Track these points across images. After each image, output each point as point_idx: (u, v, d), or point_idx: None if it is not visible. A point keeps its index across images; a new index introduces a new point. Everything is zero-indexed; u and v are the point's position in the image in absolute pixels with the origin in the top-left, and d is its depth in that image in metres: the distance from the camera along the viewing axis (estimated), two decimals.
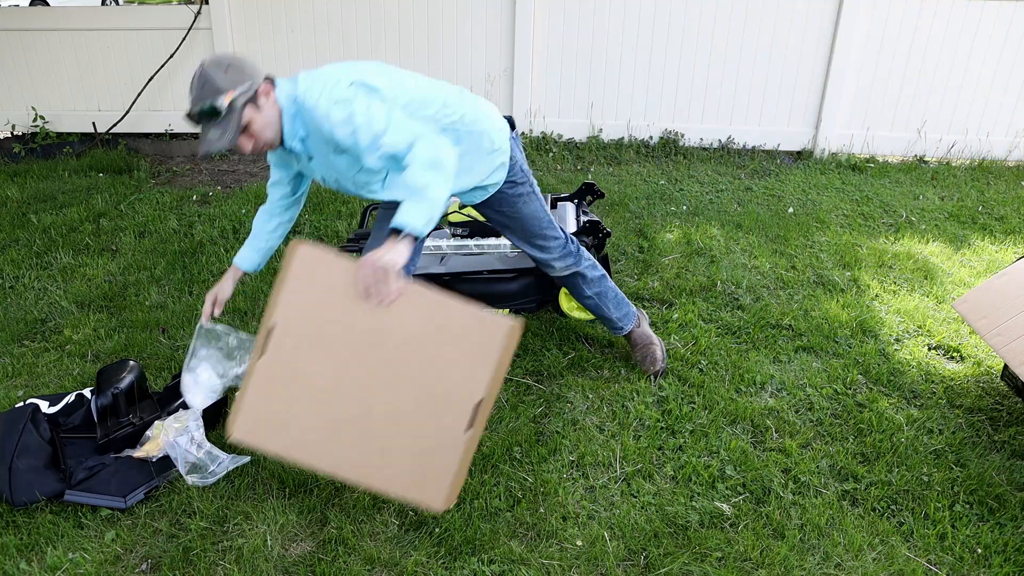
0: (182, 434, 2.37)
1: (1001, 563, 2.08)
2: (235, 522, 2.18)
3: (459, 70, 5.97)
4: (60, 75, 6.06)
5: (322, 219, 4.49)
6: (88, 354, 3.09)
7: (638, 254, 4.05)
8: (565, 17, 5.80)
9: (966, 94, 5.82)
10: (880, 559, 2.09)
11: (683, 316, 3.36)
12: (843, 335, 3.23)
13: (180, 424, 2.41)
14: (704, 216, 4.64)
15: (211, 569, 2.04)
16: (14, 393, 2.81)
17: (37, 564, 2.05)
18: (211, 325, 2.42)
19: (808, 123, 5.98)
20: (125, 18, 6.01)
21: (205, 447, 2.38)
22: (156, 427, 2.47)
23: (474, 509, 2.23)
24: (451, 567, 2.05)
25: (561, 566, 2.06)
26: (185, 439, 2.36)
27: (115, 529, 2.16)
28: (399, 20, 5.85)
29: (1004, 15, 5.56)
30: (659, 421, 2.66)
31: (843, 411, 2.73)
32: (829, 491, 2.34)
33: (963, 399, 2.82)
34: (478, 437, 1.81)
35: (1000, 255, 4.13)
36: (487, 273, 3.37)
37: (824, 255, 4.07)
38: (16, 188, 5.12)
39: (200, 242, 4.20)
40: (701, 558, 2.08)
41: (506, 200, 2.54)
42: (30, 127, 6.10)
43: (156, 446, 2.40)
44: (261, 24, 5.89)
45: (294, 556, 2.08)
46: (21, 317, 3.39)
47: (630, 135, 6.11)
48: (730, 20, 5.72)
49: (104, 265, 3.93)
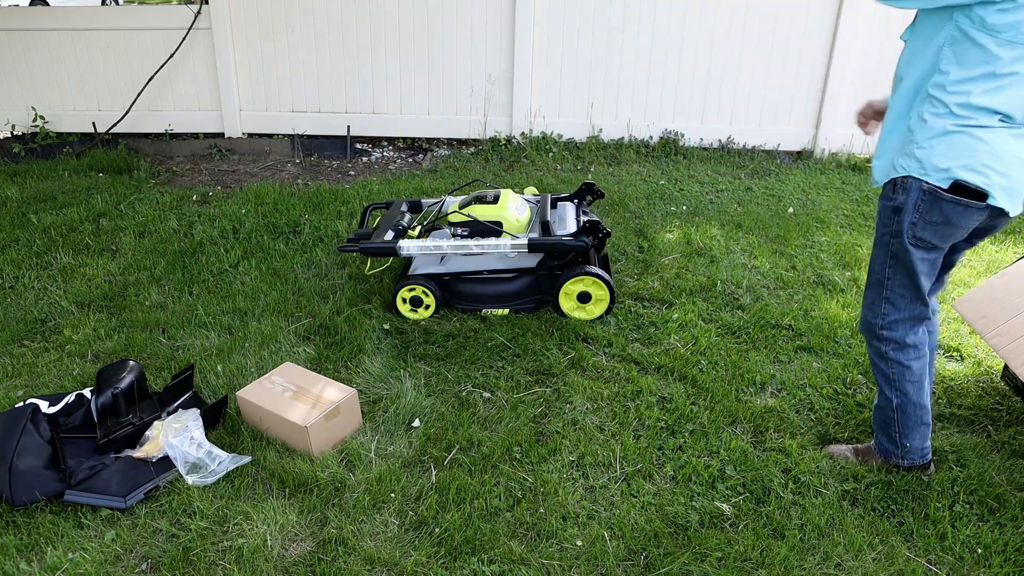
0: (182, 434, 2.37)
1: (1001, 563, 2.08)
2: (235, 522, 2.18)
3: (459, 70, 5.98)
4: (60, 75, 6.06)
5: (322, 219, 4.49)
6: (88, 354, 3.09)
7: (638, 254, 4.05)
8: (565, 17, 5.79)
9: None
10: (880, 559, 2.09)
11: (683, 316, 3.36)
12: (843, 335, 3.23)
13: (180, 424, 2.41)
14: (704, 216, 4.64)
15: (211, 569, 2.04)
16: (14, 393, 2.81)
17: (37, 564, 2.05)
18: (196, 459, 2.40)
19: (808, 123, 5.98)
20: (125, 18, 6.01)
21: (205, 447, 2.38)
22: (156, 427, 2.47)
23: (474, 509, 2.23)
24: (451, 567, 2.05)
25: (561, 566, 2.06)
26: (185, 439, 2.36)
27: (115, 529, 2.16)
28: (399, 20, 5.85)
29: None
30: (659, 421, 2.66)
31: (843, 411, 2.73)
32: (829, 491, 2.34)
33: (963, 399, 2.82)
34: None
35: (1000, 255, 4.13)
36: (487, 273, 3.38)
37: (824, 255, 4.07)
38: (16, 188, 5.12)
39: (200, 242, 4.20)
40: (701, 558, 2.08)
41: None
42: (30, 127, 6.10)
43: (156, 446, 2.40)
44: (261, 24, 5.89)
45: (294, 556, 2.08)
46: (21, 317, 3.39)
47: (630, 135, 6.11)
48: (730, 20, 5.71)
49: (104, 265, 3.93)
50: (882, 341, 2.23)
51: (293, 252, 4.05)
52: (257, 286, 3.65)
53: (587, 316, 3.34)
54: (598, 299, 3.31)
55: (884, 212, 2.10)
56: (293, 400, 2.52)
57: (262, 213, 4.62)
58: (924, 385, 2.27)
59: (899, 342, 2.21)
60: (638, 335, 3.23)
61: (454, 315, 3.37)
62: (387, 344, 3.14)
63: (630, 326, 3.29)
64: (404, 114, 6.14)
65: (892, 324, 2.20)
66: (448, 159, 5.90)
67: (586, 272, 3.25)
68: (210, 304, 3.47)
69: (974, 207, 1.95)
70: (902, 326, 2.20)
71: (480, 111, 6.10)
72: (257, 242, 4.19)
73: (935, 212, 1.98)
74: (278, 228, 4.38)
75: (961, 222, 1.99)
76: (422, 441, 2.54)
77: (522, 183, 5.22)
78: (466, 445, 2.52)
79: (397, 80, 6.04)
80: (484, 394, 2.81)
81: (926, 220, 2.00)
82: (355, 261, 3.93)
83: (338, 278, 3.74)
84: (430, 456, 2.47)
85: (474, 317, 3.35)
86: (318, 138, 6.20)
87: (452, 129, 6.15)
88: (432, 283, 3.33)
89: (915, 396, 2.25)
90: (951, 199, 1.94)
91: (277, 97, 6.14)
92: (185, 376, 2.71)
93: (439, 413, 2.69)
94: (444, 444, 2.52)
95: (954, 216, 1.97)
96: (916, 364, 2.23)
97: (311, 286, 3.64)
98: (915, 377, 2.23)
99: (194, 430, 2.40)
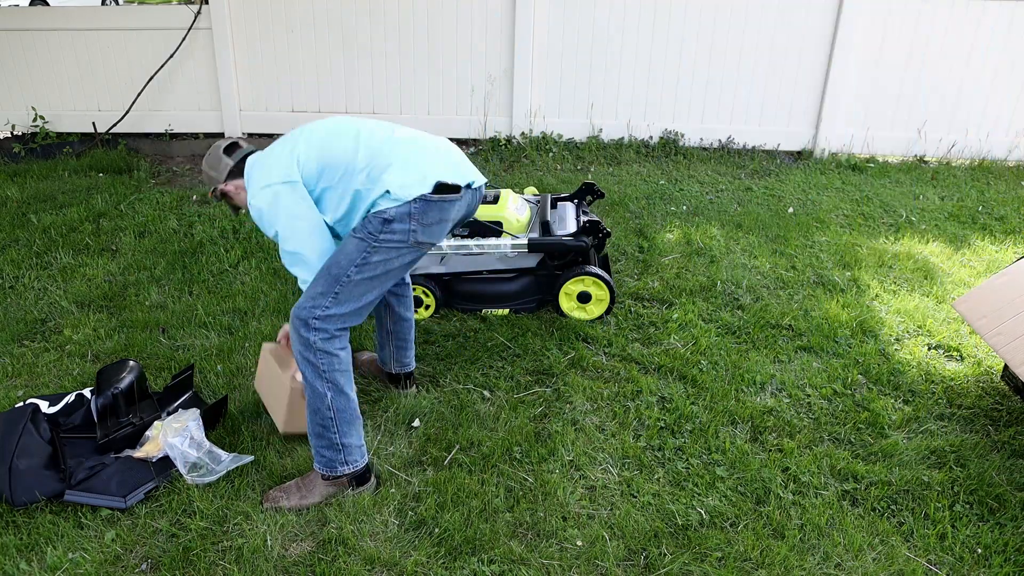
0: (181, 434, 2.37)
1: (1001, 563, 2.08)
2: (235, 522, 2.18)
3: (459, 70, 5.98)
4: (60, 75, 6.06)
5: None
6: (88, 354, 3.09)
7: (638, 254, 4.05)
8: (565, 17, 5.80)
9: (966, 94, 5.82)
10: (880, 559, 2.09)
11: (683, 316, 3.36)
12: (843, 335, 3.23)
13: (179, 424, 2.41)
14: (704, 216, 4.64)
15: (211, 569, 2.04)
16: (14, 393, 2.81)
17: (37, 564, 2.05)
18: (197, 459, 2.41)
19: (808, 123, 5.98)
20: (125, 18, 6.01)
21: (205, 447, 2.38)
22: (156, 427, 2.47)
23: (474, 509, 2.23)
24: (451, 567, 2.04)
25: (561, 566, 2.05)
26: (184, 439, 2.36)
27: (115, 529, 2.16)
28: (399, 20, 5.85)
29: (1004, 15, 5.56)
30: (659, 421, 2.66)
31: (843, 411, 2.73)
32: (829, 491, 2.34)
33: (963, 399, 2.82)
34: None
35: (1000, 255, 4.13)
36: (487, 273, 3.38)
37: (824, 255, 4.07)
38: (16, 188, 5.12)
39: (200, 242, 4.20)
40: (701, 558, 2.08)
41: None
42: (30, 127, 6.10)
43: (156, 446, 2.40)
44: (261, 24, 5.89)
45: (294, 556, 2.08)
46: (21, 317, 3.38)
47: (630, 135, 6.11)
48: (730, 20, 5.72)
49: (104, 265, 3.93)
50: (312, 331, 2.14)
51: None
52: (257, 286, 3.65)
53: (587, 316, 3.34)
54: (598, 299, 3.31)
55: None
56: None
57: None
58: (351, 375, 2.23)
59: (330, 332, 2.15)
60: (638, 335, 3.23)
61: (454, 315, 3.37)
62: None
63: (630, 326, 3.29)
64: (404, 114, 6.14)
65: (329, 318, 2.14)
66: None
67: (586, 272, 3.25)
68: (210, 304, 3.47)
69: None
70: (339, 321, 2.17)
71: (480, 111, 6.10)
72: (257, 242, 4.19)
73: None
74: None
75: None
76: (422, 441, 2.54)
77: (522, 183, 5.21)
78: (466, 445, 2.52)
79: (397, 80, 6.04)
80: (484, 394, 2.81)
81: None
82: None
83: None
84: (430, 456, 2.47)
85: (474, 317, 3.35)
86: None
87: (452, 129, 6.15)
88: (432, 283, 3.33)
89: (347, 388, 2.20)
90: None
91: (277, 97, 6.14)
92: (185, 376, 2.71)
93: (439, 413, 2.69)
94: (444, 444, 2.52)
95: None
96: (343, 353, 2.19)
97: None
98: (344, 366, 2.19)
99: (194, 430, 2.40)
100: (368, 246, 2.14)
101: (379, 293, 2.22)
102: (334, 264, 2.16)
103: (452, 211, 2.24)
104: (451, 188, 2.19)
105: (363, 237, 2.15)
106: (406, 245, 2.18)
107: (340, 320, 2.16)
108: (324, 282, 2.15)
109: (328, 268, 2.16)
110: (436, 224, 2.20)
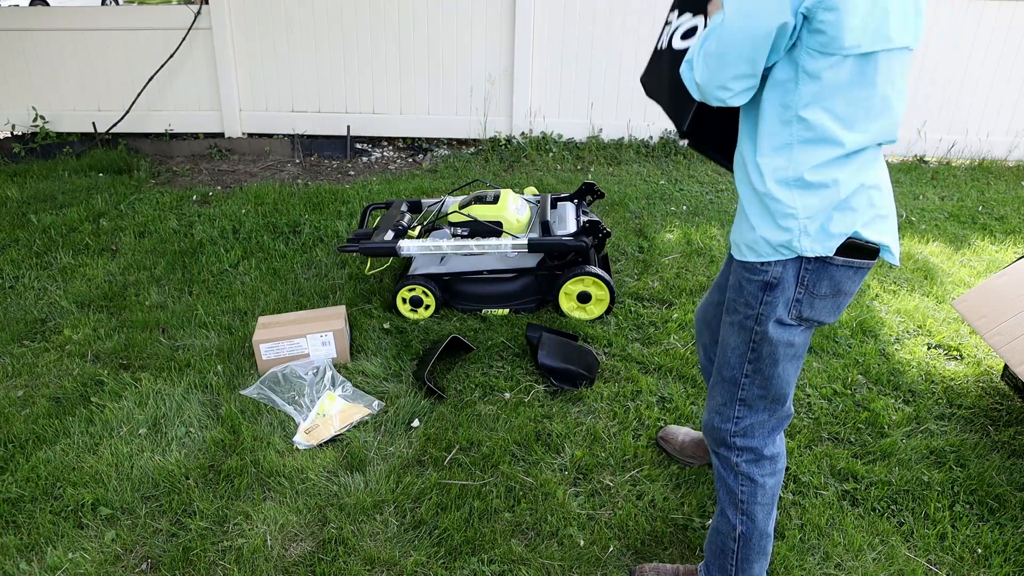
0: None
1: (1001, 563, 2.08)
2: (235, 522, 2.18)
3: (459, 70, 5.98)
4: (60, 75, 6.06)
5: (322, 219, 4.49)
6: (88, 354, 3.09)
7: (638, 254, 4.05)
8: (565, 17, 5.79)
9: (966, 94, 5.82)
10: (880, 559, 2.09)
11: (683, 316, 3.36)
12: (843, 335, 3.23)
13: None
14: (704, 216, 4.64)
15: (211, 569, 2.04)
16: (14, 393, 2.81)
17: (37, 564, 2.05)
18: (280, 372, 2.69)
19: None
20: (125, 18, 6.00)
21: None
22: (321, 405, 2.69)
23: (474, 509, 2.23)
24: (451, 567, 2.05)
25: (561, 566, 2.06)
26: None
27: (115, 529, 2.16)
28: (399, 20, 5.85)
29: (1004, 15, 5.56)
30: (659, 421, 2.66)
31: (843, 411, 2.73)
32: (829, 491, 2.34)
33: (963, 399, 2.82)
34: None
35: (1000, 255, 4.13)
36: (487, 273, 3.38)
37: None
38: (16, 188, 5.12)
39: (200, 242, 4.20)
40: (702, 558, 2.08)
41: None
42: (30, 127, 6.09)
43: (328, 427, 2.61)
44: (261, 24, 5.89)
45: (294, 556, 2.08)
46: (21, 317, 3.38)
47: (630, 135, 6.11)
48: None
49: (104, 265, 3.93)
50: (732, 450, 1.77)
51: (293, 252, 4.05)
52: (257, 286, 3.65)
53: (587, 316, 3.34)
54: (598, 299, 3.31)
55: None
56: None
57: (262, 213, 4.62)
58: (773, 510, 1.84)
59: (755, 451, 1.76)
60: (638, 335, 3.23)
61: (454, 315, 3.37)
62: (387, 344, 3.14)
63: (630, 326, 3.29)
64: (404, 114, 6.14)
65: (747, 429, 1.74)
66: (448, 159, 5.90)
67: (586, 272, 3.25)
68: (210, 304, 3.47)
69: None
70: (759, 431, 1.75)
71: (480, 111, 6.10)
72: (257, 242, 4.19)
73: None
74: (278, 228, 4.38)
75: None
76: (422, 441, 2.54)
77: (522, 183, 5.22)
78: (466, 445, 2.52)
79: (397, 80, 6.04)
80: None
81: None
82: (355, 261, 3.92)
83: (338, 278, 3.74)
84: (430, 456, 2.47)
85: (474, 317, 3.35)
86: (318, 138, 6.20)
87: (452, 129, 6.15)
88: (432, 283, 3.33)
89: (763, 523, 1.81)
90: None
91: (277, 97, 6.14)
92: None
93: (439, 413, 2.69)
94: (444, 444, 2.52)
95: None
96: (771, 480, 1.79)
97: (311, 286, 3.64)
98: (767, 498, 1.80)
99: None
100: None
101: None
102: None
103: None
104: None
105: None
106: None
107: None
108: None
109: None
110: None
